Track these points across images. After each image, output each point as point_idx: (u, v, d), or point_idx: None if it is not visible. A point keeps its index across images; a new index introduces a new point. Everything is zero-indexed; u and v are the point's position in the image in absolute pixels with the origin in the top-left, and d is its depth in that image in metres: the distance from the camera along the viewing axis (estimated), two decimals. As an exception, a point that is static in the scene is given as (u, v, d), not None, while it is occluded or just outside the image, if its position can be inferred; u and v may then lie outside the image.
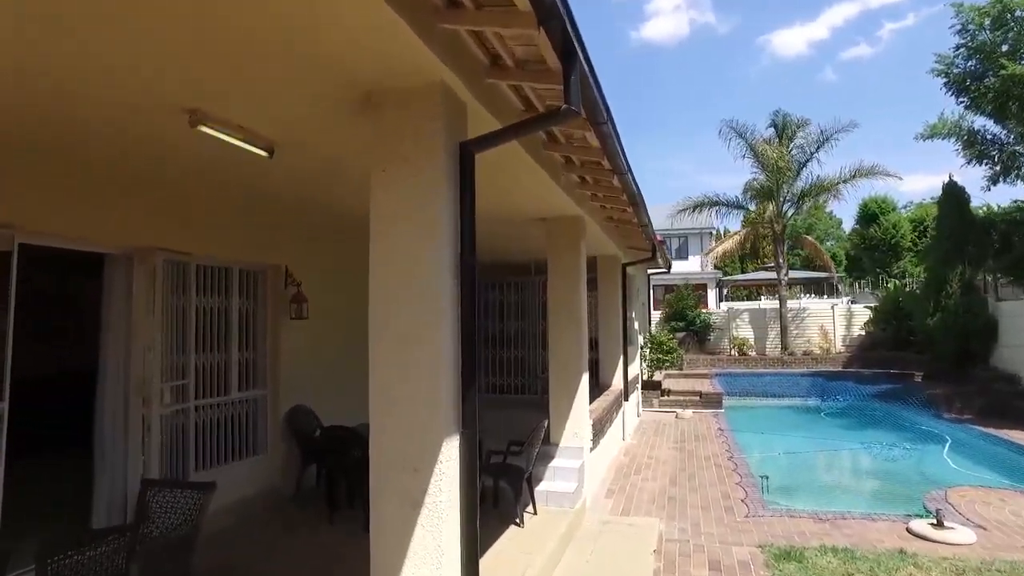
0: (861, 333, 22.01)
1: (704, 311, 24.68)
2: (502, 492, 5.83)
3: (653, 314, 22.36)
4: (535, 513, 5.77)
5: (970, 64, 15.53)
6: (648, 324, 18.24)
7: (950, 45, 16.61)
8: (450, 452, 2.98)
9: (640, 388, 14.01)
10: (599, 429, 7.78)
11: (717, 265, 31.82)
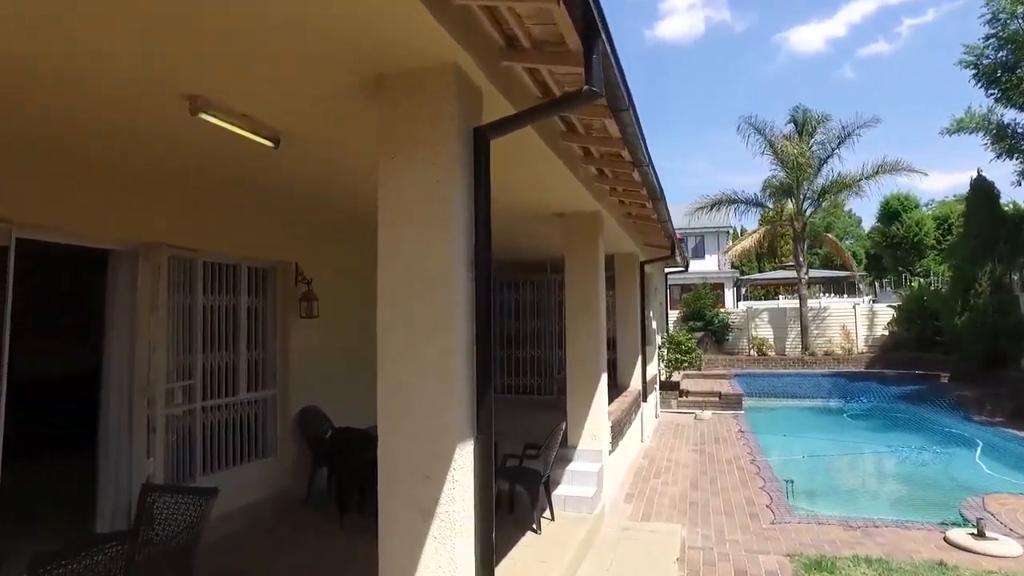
0: (884, 333, 21.52)
1: (722, 311, 24.32)
2: (518, 496, 5.65)
3: (670, 314, 22.05)
4: (552, 519, 5.58)
5: (1001, 55, 15.03)
6: (666, 324, 17.94)
7: (978, 36, 16.15)
8: (464, 459, 2.79)
9: (658, 389, 13.75)
10: (618, 431, 7.55)
11: (735, 264, 31.37)
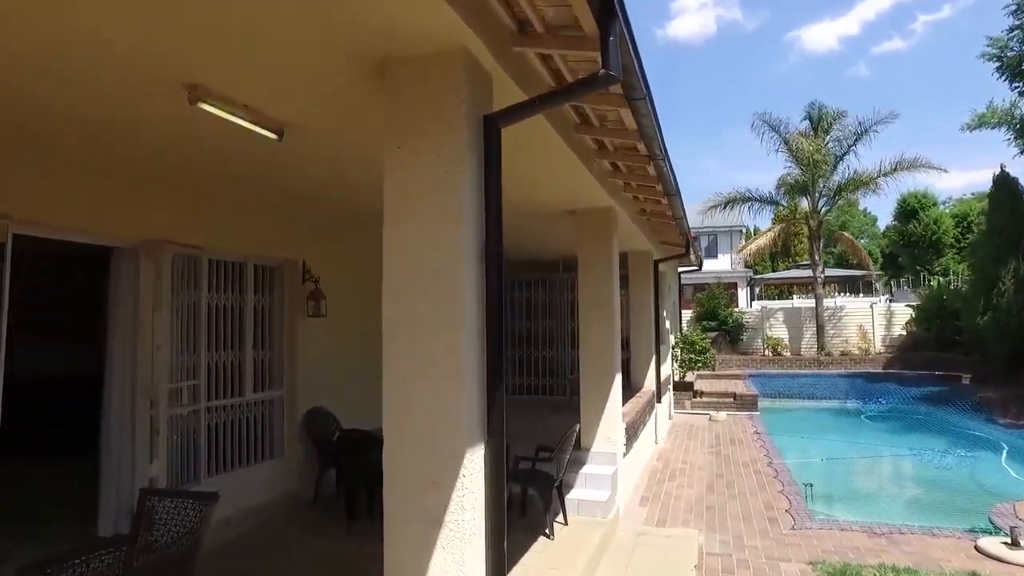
0: (902, 333, 21.14)
1: (736, 310, 24.02)
2: (530, 500, 5.50)
3: (683, 313, 21.80)
4: (565, 523, 5.44)
5: (1026, 46, 14.68)
6: (679, 323, 17.72)
7: (1000, 29, 15.76)
8: (474, 464, 2.63)
9: (672, 389, 13.55)
10: (632, 433, 7.38)
11: (748, 263, 31.02)
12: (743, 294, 34.51)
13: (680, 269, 16.33)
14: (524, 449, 5.67)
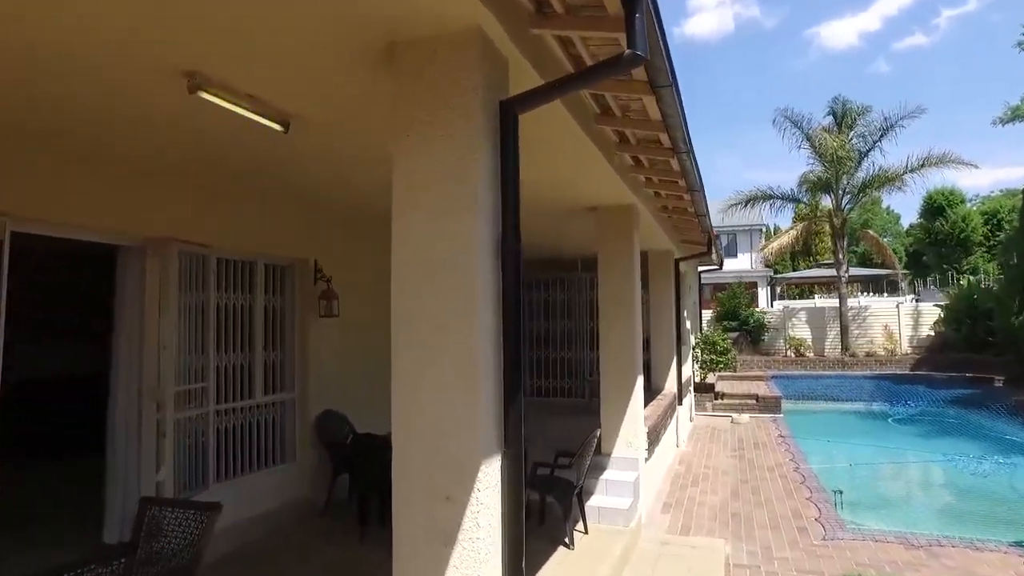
0: (930, 333, 20.56)
1: (757, 310, 23.57)
2: (549, 507, 5.29)
3: (703, 314, 21.42)
4: (586, 532, 5.24)
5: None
6: (699, 324, 17.37)
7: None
8: (490, 477, 2.43)
9: (692, 391, 13.25)
10: (654, 437, 7.13)
11: (769, 262, 30.49)
12: (763, 294, 33.96)
13: (700, 268, 16.01)
14: (542, 454, 5.46)
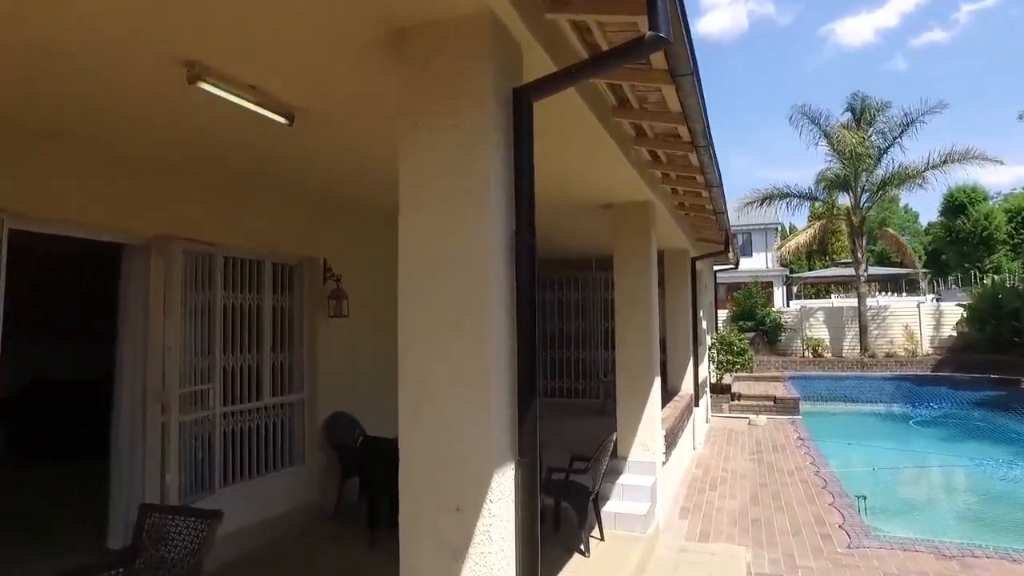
0: (952, 334, 20.09)
1: (774, 310, 23.21)
2: (564, 513, 5.14)
3: (718, 313, 21.12)
4: (602, 538, 5.08)
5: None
6: (715, 324, 17.11)
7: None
8: (503, 487, 2.29)
9: (708, 392, 13.02)
10: (671, 440, 6.95)
11: (786, 261, 30.06)
12: (779, 293, 33.52)
13: (715, 268, 15.77)
14: (556, 458, 5.31)
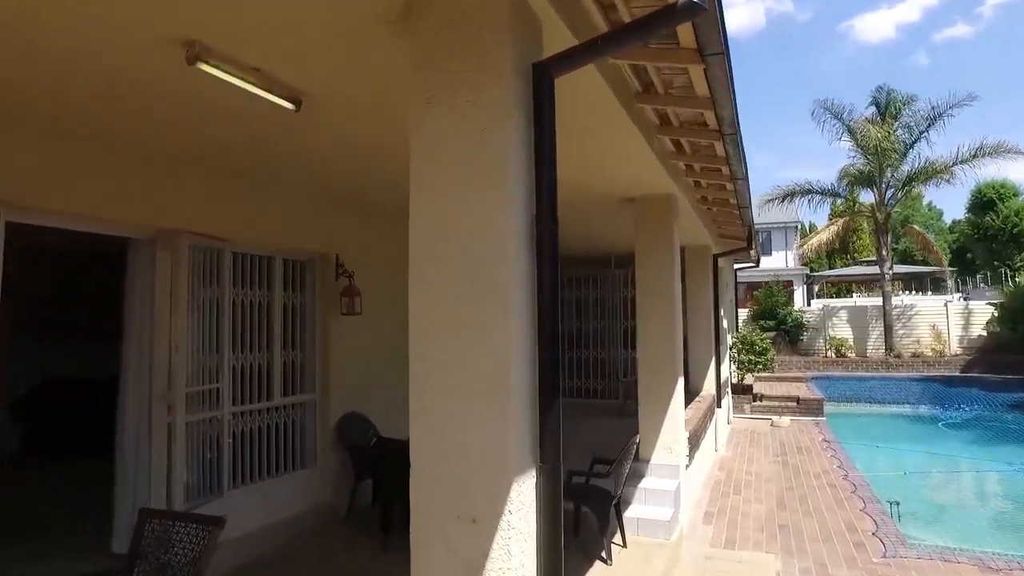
0: (982, 333, 19.50)
1: (795, 309, 22.77)
2: (584, 517, 4.93)
3: (738, 312, 20.75)
4: (624, 545, 4.90)
5: None
6: (735, 323, 16.77)
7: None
8: (523, 496, 2.10)
9: (730, 392, 12.72)
10: (694, 442, 6.71)
11: (807, 260, 29.51)
12: (799, 292, 32.96)
13: (736, 265, 15.45)
14: (576, 460, 5.10)
